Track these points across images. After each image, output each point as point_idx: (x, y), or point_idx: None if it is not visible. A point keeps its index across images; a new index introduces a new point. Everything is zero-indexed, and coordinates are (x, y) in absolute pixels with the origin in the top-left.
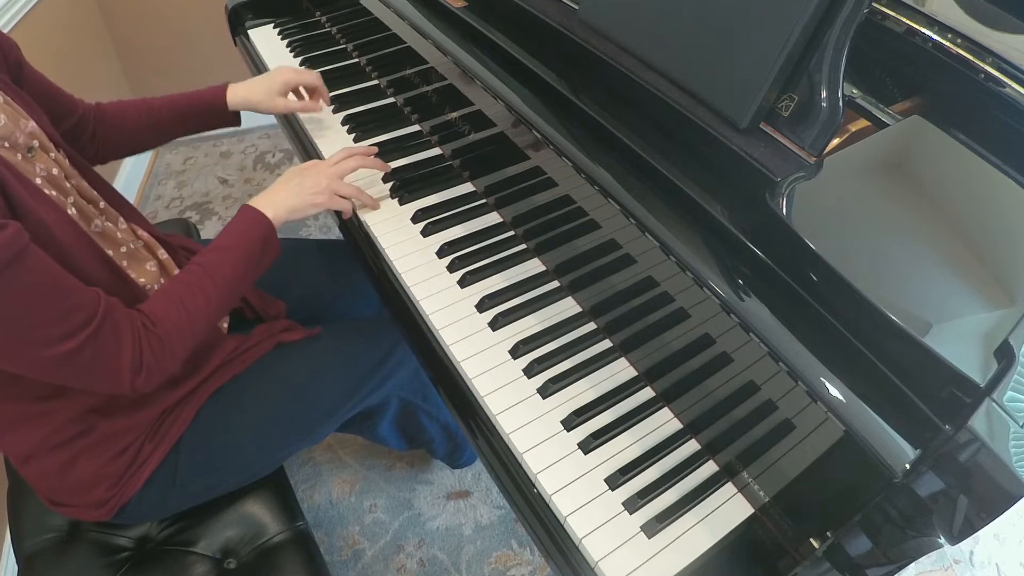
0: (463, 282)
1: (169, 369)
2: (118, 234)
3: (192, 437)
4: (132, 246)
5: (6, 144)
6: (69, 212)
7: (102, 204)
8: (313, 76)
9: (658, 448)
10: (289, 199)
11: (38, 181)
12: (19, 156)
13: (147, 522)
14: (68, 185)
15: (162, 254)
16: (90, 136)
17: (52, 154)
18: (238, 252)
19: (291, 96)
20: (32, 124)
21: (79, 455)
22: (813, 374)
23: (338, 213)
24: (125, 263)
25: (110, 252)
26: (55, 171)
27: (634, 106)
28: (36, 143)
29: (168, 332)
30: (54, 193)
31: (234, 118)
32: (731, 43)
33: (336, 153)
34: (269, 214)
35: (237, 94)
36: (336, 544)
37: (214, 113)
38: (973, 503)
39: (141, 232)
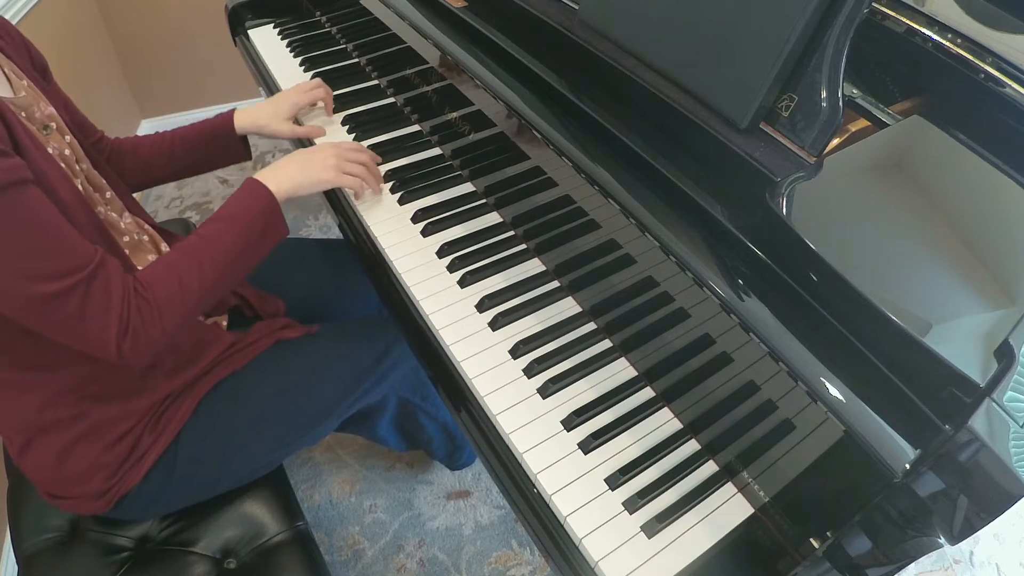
0: (463, 282)
1: (157, 338)
2: (122, 224)
3: (191, 432)
4: (136, 237)
5: (23, 114)
6: (77, 186)
7: (108, 194)
8: (319, 91)
9: (658, 448)
10: (295, 174)
11: (50, 150)
12: (35, 128)
13: (145, 518)
14: (78, 168)
15: (164, 248)
16: (104, 162)
17: (67, 137)
18: (237, 224)
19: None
20: (51, 109)
21: (75, 443)
22: (813, 374)
23: (338, 212)
24: (127, 251)
25: (113, 236)
26: (67, 152)
27: (634, 106)
28: (53, 125)
29: (158, 298)
30: (63, 166)
31: (244, 149)
32: (731, 43)
33: (347, 142)
34: (272, 187)
35: (244, 118)
36: (336, 544)
37: (223, 139)
38: (973, 503)
39: (146, 227)
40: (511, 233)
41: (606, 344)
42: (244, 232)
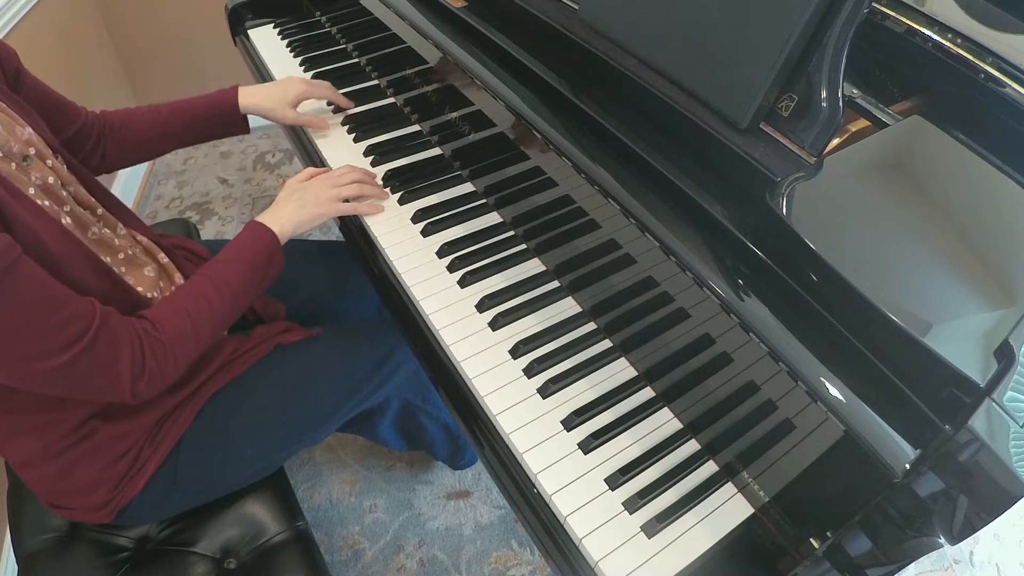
0: (463, 282)
1: (171, 375)
2: (116, 240)
3: (192, 439)
4: (131, 252)
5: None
6: (63, 222)
7: (100, 211)
8: (326, 89)
9: (658, 448)
10: (293, 214)
11: (31, 191)
12: (13, 166)
13: (147, 523)
14: (64, 193)
15: (162, 258)
16: (94, 145)
17: (49, 161)
18: (243, 264)
19: (301, 107)
20: (29, 131)
21: (79, 460)
22: (813, 374)
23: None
24: (123, 269)
25: (107, 259)
26: (51, 179)
27: (634, 106)
28: (32, 151)
29: (171, 337)
30: (47, 203)
31: (243, 124)
32: (731, 43)
33: (339, 168)
34: (276, 230)
35: (249, 98)
36: (336, 544)
37: (224, 116)
38: (973, 503)
39: (140, 237)
40: (511, 233)
41: (606, 344)
42: (249, 271)
